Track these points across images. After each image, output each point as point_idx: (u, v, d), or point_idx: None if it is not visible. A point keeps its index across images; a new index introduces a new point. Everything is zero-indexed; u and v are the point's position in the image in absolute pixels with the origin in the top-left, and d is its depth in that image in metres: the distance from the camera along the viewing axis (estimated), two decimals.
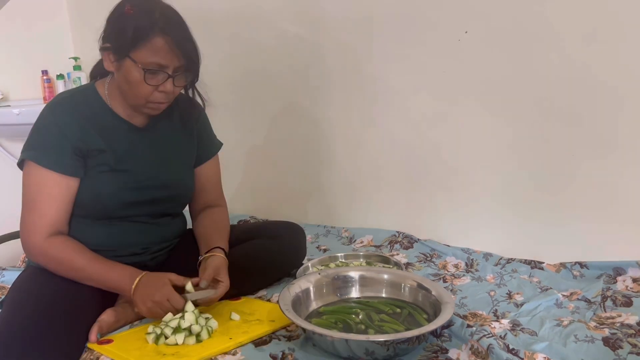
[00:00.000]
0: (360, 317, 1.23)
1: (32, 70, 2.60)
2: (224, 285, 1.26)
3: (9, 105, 2.43)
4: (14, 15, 2.54)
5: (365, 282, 1.36)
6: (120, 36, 1.19)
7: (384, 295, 1.34)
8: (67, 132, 1.22)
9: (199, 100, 1.36)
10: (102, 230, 1.30)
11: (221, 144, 1.51)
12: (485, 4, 1.62)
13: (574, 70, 1.51)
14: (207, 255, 1.32)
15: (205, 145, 1.46)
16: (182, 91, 1.32)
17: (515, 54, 1.59)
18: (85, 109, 1.27)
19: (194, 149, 1.44)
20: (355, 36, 1.88)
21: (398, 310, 1.26)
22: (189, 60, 1.22)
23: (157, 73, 1.20)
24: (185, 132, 1.41)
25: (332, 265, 1.61)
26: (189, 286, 1.23)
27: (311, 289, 1.31)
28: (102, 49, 1.24)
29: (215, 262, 1.29)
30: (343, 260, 1.64)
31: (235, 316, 1.27)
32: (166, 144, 1.37)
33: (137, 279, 1.20)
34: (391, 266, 1.58)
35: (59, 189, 1.23)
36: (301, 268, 1.54)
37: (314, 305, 1.29)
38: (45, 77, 2.59)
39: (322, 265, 1.60)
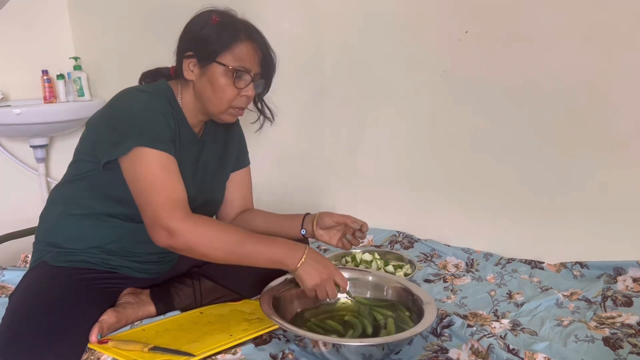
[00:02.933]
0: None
1: (32, 70, 2.59)
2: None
3: (9, 105, 2.43)
4: (14, 15, 2.54)
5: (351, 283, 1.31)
6: (207, 43, 1.23)
7: (367, 295, 1.31)
8: (169, 121, 1.22)
9: (267, 112, 1.40)
10: (128, 234, 1.29)
11: (249, 162, 1.55)
12: (485, 4, 1.62)
13: (574, 70, 1.51)
14: (312, 215, 1.43)
15: (241, 154, 1.51)
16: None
17: (515, 54, 1.59)
18: (168, 105, 1.25)
19: (232, 164, 1.48)
20: (356, 36, 1.89)
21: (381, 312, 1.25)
22: (266, 68, 1.28)
23: (243, 76, 1.24)
24: (227, 142, 1.45)
25: (347, 258, 1.63)
26: None
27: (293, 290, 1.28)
28: (184, 57, 1.25)
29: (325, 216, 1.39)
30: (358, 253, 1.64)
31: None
32: (213, 159, 1.40)
33: (304, 254, 1.17)
34: (405, 264, 1.59)
35: (175, 170, 1.17)
36: None
37: (295, 308, 1.27)
38: (45, 77, 2.59)
39: (335, 261, 1.63)
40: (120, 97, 1.24)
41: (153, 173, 1.14)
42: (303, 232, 1.42)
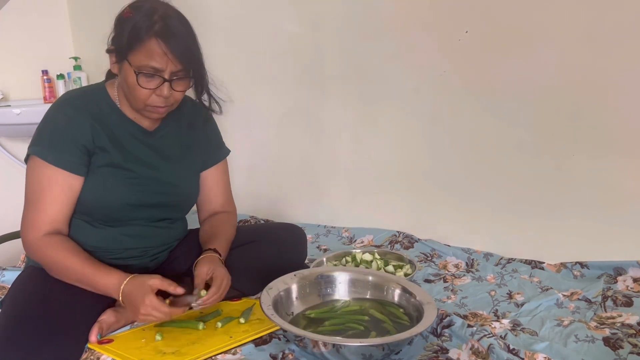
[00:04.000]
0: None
1: (32, 70, 2.60)
2: (220, 279, 1.22)
3: (9, 105, 2.43)
4: (14, 15, 2.54)
5: (351, 283, 1.33)
6: (119, 39, 1.19)
7: (367, 296, 1.31)
8: (75, 130, 1.21)
9: (214, 105, 1.34)
10: (101, 232, 1.29)
11: (229, 151, 1.50)
12: (485, 4, 1.62)
13: (574, 70, 1.51)
14: (198, 259, 1.29)
15: (212, 149, 1.45)
16: (194, 96, 1.31)
17: (515, 54, 1.59)
18: (94, 108, 1.25)
19: (201, 155, 1.42)
20: (356, 36, 1.89)
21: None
22: (188, 64, 1.19)
23: (152, 77, 1.17)
24: (193, 137, 1.40)
25: (347, 258, 1.62)
26: (203, 292, 1.20)
27: (292, 290, 1.28)
28: (108, 51, 1.23)
29: (206, 263, 1.25)
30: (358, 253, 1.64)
31: (242, 320, 1.27)
32: (173, 149, 1.35)
33: (121, 290, 1.16)
34: (405, 264, 1.59)
35: (61, 187, 1.22)
36: (315, 262, 1.57)
37: (296, 308, 1.27)
38: (45, 77, 2.59)
39: (336, 260, 1.63)
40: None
41: (33, 188, 1.22)
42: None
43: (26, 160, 1.26)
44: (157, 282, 1.15)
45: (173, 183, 1.34)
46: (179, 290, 1.16)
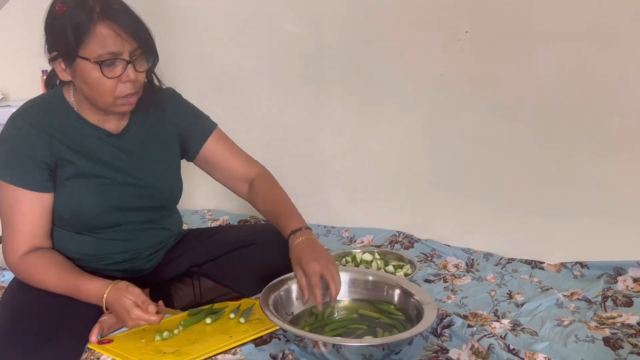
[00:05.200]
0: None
1: (32, 70, 2.59)
2: (330, 273, 1.17)
3: (9, 105, 2.42)
4: (14, 15, 2.54)
5: (351, 283, 1.32)
6: (62, 39, 1.10)
7: (366, 297, 1.31)
8: (31, 146, 1.16)
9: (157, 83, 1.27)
10: (88, 240, 1.26)
11: (215, 124, 1.41)
12: (485, 4, 1.62)
13: (574, 69, 1.51)
14: (296, 247, 1.22)
15: (192, 129, 1.37)
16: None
17: (515, 54, 1.59)
18: (51, 118, 1.20)
19: (177, 149, 1.36)
20: (356, 36, 1.88)
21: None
22: (141, 40, 1.12)
23: (114, 63, 1.10)
24: (164, 129, 1.33)
25: (347, 258, 1.62)
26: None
27: (292, 290, 1.28)
28: (51, 60, 1.16)
29: (310, 258, 1.18)
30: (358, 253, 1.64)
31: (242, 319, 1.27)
32: (144, 149, 1.29)
33: (104, 301, 1.14)
34: (405, 264, 1.58)
35: (30, 205, 1.18)
36: None
37: (296, 308, 1.27)
38: (45, 77, 2.59)
39: (336, 261, 1.61)
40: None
41: (4, 210, 1.20)
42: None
43: None
44: (133, 295, 1.12)
45: (152, 185, 1.29)
46: (154, 319, 1.12)
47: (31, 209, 1.19)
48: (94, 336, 1.17)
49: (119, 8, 1.11)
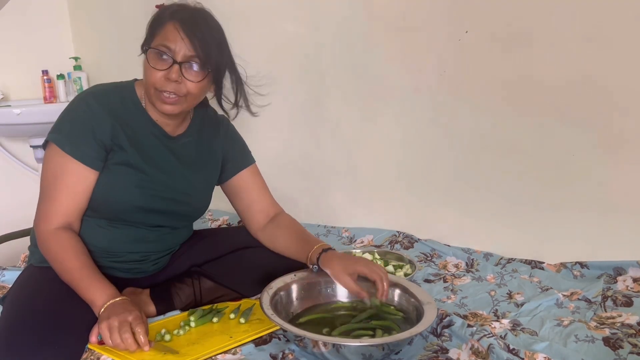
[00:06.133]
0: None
1: (32, 70, 2.60)
2: (373, 270, 1.22)
3: (9, 105, 2.43)
4: (14, 15, 2.54)
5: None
6: (146, 34, 1.22)
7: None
8: (96, 123, 1.20)
9: (222, 113, 1.36)
10: (104, 233, 1.28)
11: (254, 160, 1.48)
12: (485, 4, 1.62)
13: (574, 70, 1.51)
14: (327, 264, 1.25)
15: (235, 156, 1.44)
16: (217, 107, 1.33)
17: (515, 54, 1.59)
18: (119, 106, 1.25)
19: (218, 170, 1.41)
20: (356, 36, 1.88)
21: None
22: (202, 53, 1.17)
23: (163, 57, 1.17)
24: (214, 149, 1.39)
25: None
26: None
27: (292, 290, 1.28)
28: (143, 51, 1.23)
29: (340, 268, 1.23)
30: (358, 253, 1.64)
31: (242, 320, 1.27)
32: (191, 158, 1.34)
33: (105, 306, 1.13)
34: (405, 264, 1.59)
35: (76, 178, 1.20)
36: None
37: (296, 308, 1.27)
38: (45, 77, 2.59)
39: None
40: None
41: (48, 178, 1.22)
42: (315, 268, 1.30)
43: (44, 146, 1.25)
44: (130, 337, 1.09)
45: (187, 192, 1.33)
46: (146, 348, 1.10)
47: (76, 182, 1.21)
48: (94, 336, 1.17)
49: (198, 21, 1.19)
